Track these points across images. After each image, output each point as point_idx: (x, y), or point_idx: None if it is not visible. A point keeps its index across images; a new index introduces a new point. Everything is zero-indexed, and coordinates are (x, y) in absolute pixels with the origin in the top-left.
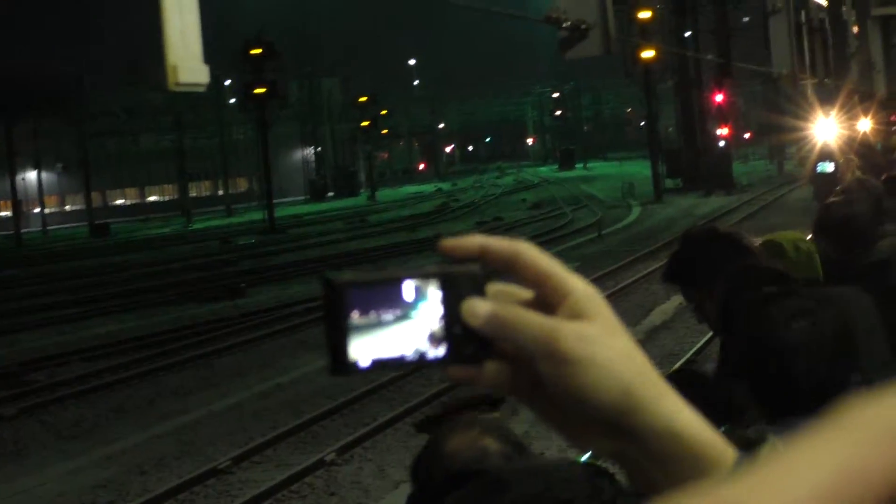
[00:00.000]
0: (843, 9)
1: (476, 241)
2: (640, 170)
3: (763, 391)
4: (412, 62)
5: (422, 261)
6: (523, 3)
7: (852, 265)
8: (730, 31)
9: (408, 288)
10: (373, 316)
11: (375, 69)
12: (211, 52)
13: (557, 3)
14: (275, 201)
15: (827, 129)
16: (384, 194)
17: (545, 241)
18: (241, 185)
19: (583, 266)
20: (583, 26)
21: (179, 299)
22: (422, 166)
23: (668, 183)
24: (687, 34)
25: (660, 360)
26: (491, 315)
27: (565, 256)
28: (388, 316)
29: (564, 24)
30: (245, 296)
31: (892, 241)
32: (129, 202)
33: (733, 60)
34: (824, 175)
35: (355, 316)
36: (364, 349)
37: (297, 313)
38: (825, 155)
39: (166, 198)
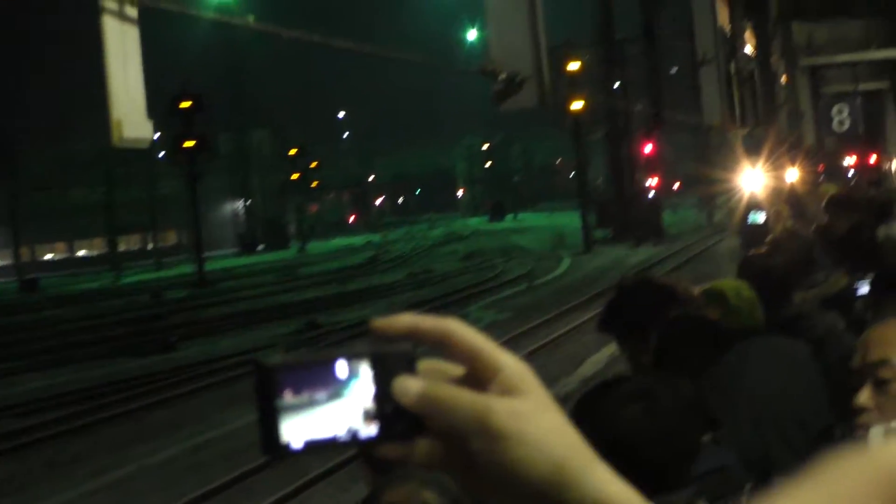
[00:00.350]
0: (773, 59)
1: (406, 320)
2: (570, 221)
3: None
4: (342, 115)
5: (352, 313)
6: (451, 53)
7: (771, 317)
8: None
9: (339, 368)
10: (305, 396)
11: (305, 121)
12: None
13: (491, 54)
14: (205, 254)
15: (754, 180)
16: (315, 247)
17: (476, 292)
18: (171, 238)
19: (515, 317)
20: (517, 78)
21: (111, 353)
22: (352, 218)
23: (598, 233)
24: (616, 84)
25: None
26: (422, 393)
27: (496, 307)
28: (320, 396)
29: (500, 77)
30: (176, 350)
31: (807, 296)
32: (58, 256)
33: (665, 110)
34: (754, 225)
35: (288, 396)
36: (296, 430)
37: (229, 367)
38: (753, 205)
39: (95, 252)
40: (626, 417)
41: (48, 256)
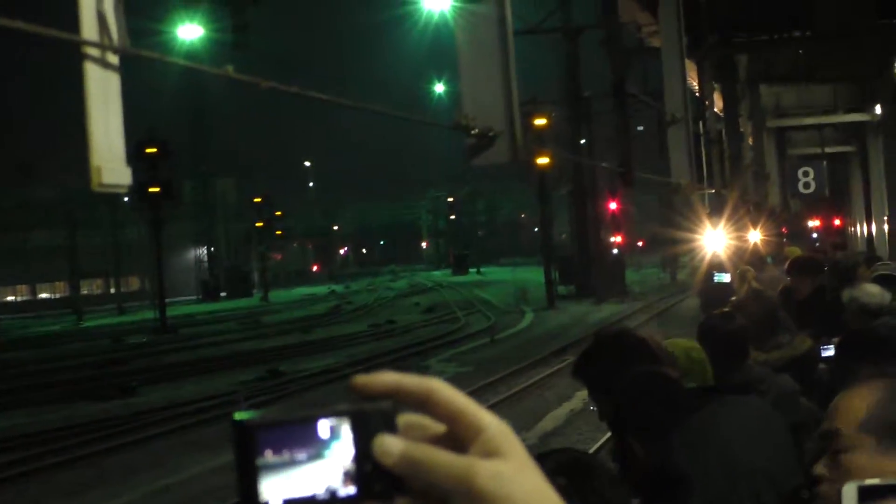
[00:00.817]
0: (740, 120)
1: (389, 379)
2: (533, 276)
3: None
4: (307, 164)
5: (315, 362)
6: (419, 106)
7: (725, 380)
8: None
9: (321, 427)
10: (286, 455)
11: (270, 170)
12: None
13: (464, 109)
14: (167, 300)
15: (716, 240)
16: (277, 295)
17: (438, 344)
18: (134, 283)
19: (476, 371)
20: (490, 133)
21: (70, 397)
22: (315, 268)
23: (561, 289)
24: (582, 141)
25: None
26: (403, 454)
27: (458, 360)
28: (300, 455)
29: (472, 132)
30: (136, 395)
31: (771, 357)
32: (19, 299)
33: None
34: (717, 286)
35: (268, 455)
36: (275, 489)
37: (189, 413)
38: (715, 265)
39: (57, 295)
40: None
41: (9, 298)
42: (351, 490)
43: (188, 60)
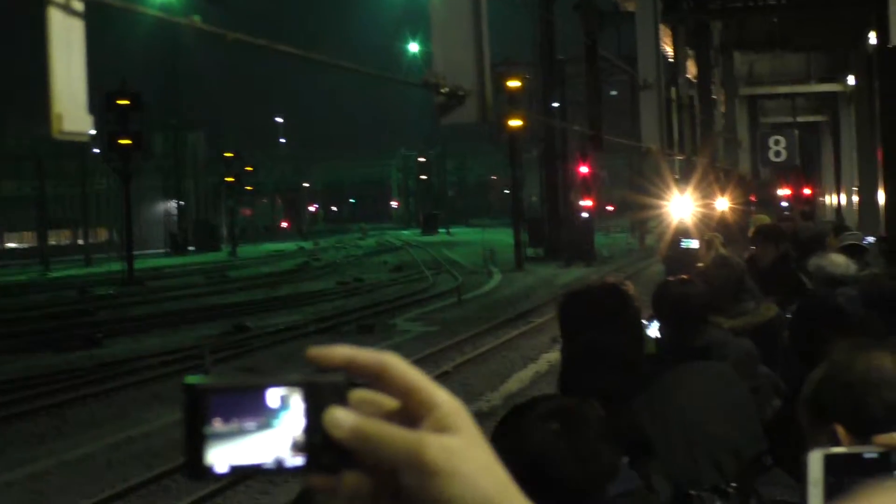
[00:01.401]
0: (713, 87)
1: (343, 352)
2: (502, 237)
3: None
4: (279, 120)
5: (281, 318)
6: (393, 65)
7: (681, 347)
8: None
9: (271, 396)
10: (234, 423)
11: (242, 125)
12: None
13: (435, 68)
14: (135, 253)
15: (684, 206)
16: (245, 250)
17: (405, 303)
18: (102, 235)
19: (442, 330)
20: (460, 93)
21: (34, 347)
22: (285, 224)
23: (530, 251)
24: (555, 105)
25: None
26: (354, 427)
27: (425, 320)
28: (249, 424)
29: (442, 90)
30: (101, 346)
31: (737, 324)
32: None
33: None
34: (683, 252)
35: (216, 421)
36: (222, 455)
37: (153, 366)
38: (682, 232)
39: (25, 245)
40: (541, 437)
41: None
42: (299, 461)
43: (161, 12)
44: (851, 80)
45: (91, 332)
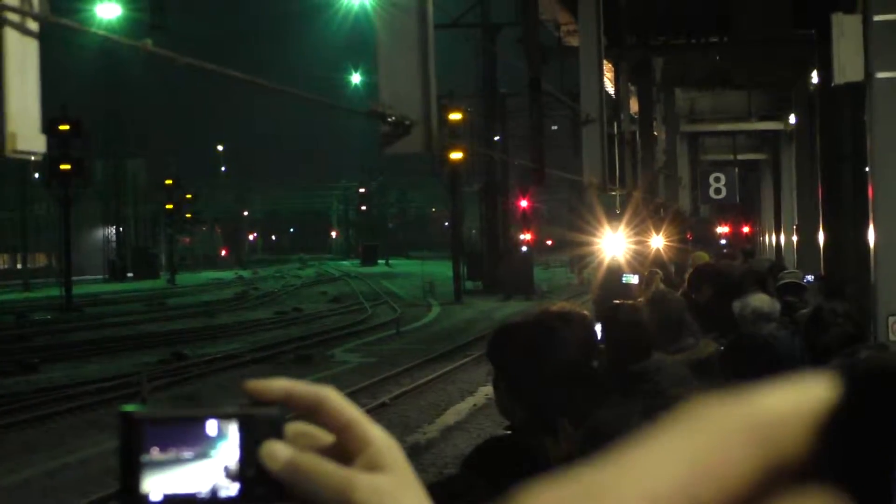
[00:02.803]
0: (654, 123)
1: (281, 385)
2: (441, 270)
3: None
4: (220, 148)
5: (219, 347)
6: (335, 95)
7: (620, 370)
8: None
9: (209, 426)
10: (170, 451)
11: (182, 153)
12: None
13: (381, 97)
14: (74, 279)
15: (616, 243)
16: (184, 278)
17: (344, 334)
18: (41, 260)
19: (380, 362)
20: (406, 122)
21: None
22: (224, 253)
23: (469, 285)
24: (496, 138)
25: (452, 459)
26: (288, 461)
27: (363, 351)
28: (185, 452)
29: (388, 120)
30: (38, 372)
31: (676, 360)
32: None
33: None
34: (619, 290)
35: (153, 450)
36: (157, 484)
37: (90, 392)
38: (613, 270)
39: None
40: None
41: None
42: (232, 492)
43: (105, 41)
44: (792, 118)
45: (28, 357)
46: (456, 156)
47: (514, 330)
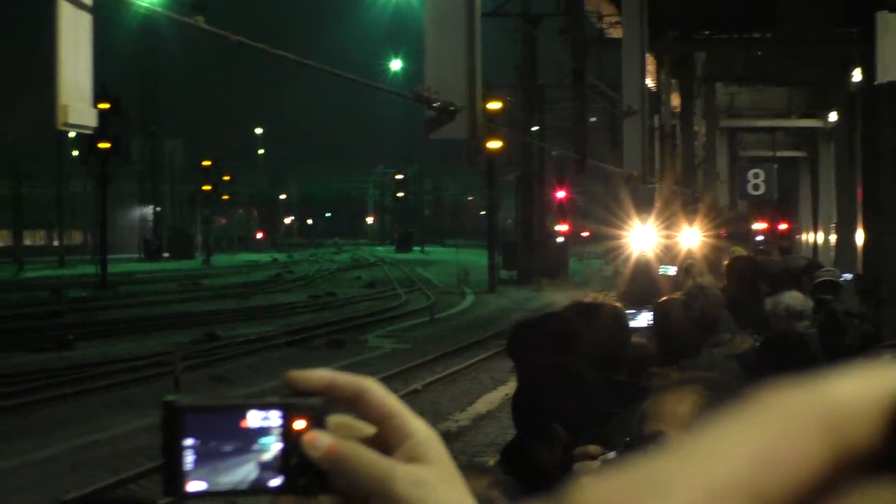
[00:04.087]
0: (693, 117)
1: (323, 375)
2: (476, 258)
3: None
4: (258, 131)
5: (251, 329)
6: (377, 81)
7: (675, 361)
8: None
9: (249, 417)
10: (212, 443)
11: (221, 135)
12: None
13: (427, 82)
14: (109, 257)
15: (645, 237)
16: (219, 259)
17: (377, 320)
18: (77, 237)
19: (413, 349)
20: (451, 108)
21: (4, 346)
22: (259, 235)
23: (503, 274)
24: (534, 129)
25: (483, 447)
26: (330, 449)
27: (396, 337)
28: (227, 444)
29: (434, 105)
30: (72, 348)
31: (713, 355)
32: None
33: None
34: (647, 287)
35: (195, 440)
36: (199, 474)
37: (123, 370)
38: (642, 266)
39: (0, 244)
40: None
41: None
42: (275, 482)
43: (147, 20)
44: (833, 116)
45: (62, 333)
46: (494, 144)
47: (530, 325)
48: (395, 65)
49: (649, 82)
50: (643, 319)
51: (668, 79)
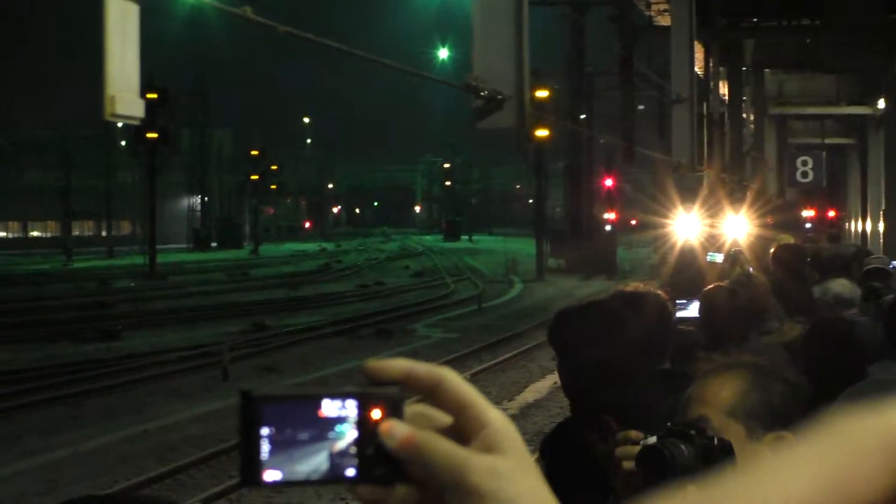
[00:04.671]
0: (742, 105)
1: (400, 365)
2: (524, 247)
3: None
4: (306, 120)
5: (300, 318)
6: (424, 70)
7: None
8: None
9: (325, 406)
10: (288, 432)
11: (268, 124)
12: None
13: (475, 72)
14: (157, 247)
15: (691, 225)
16: (268, 249)
17: (425, 309)
18: (125, 227)
19: (461, 338)
20: (499, 97)
21: (53, 337)
22: (307, 225)
23: (551, 262)
24: (582, 117)
25: (530, 437)
26: (407, 438)
27: (444, 326)
28: (302, 433)
29: (482, 94)
30: (120, 339)
31: (759, 342)
32: (10, 236)
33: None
34: (690, 277)
35: (271, 429)
36: (275, 463)
37: (171, 361)
38: (687, 253)
39: (49, 234)
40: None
41: (1, 234)
42: (351, 472)
43: (195, 9)
44: (881, 104)
45: (110, 324)
46: (541, 133)
47: (573, 314)
48: (443, 53)
49: (698, 70)
50: (693, 309)
51: (716, 66)
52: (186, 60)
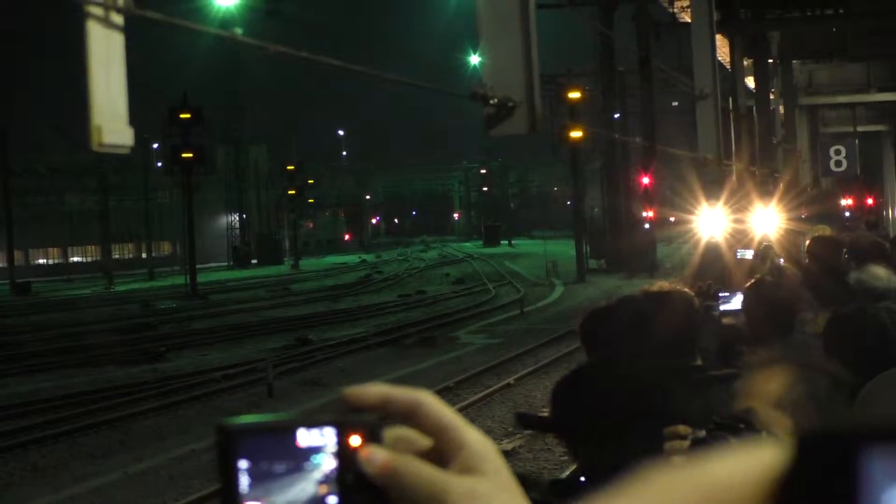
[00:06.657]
0: (771, 97)
1: (377, 391)
2: (564, 248)
3: None
4: (341, 132)
5: (343, 331)
6: (451, 75)
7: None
8: (657, 115)
9: (304, 436)
10: (265, 464)
11: (303, 138)
12: (139, 115)
13: (484, 79)
14: (198, 266)
15: (716, 221)
16: (308, 263)
17: (467, 316)
18: (165, 248)
19: (505, 343)
20: (509, 104)
21: (98, 361)
22: (347, 237)
23: (592, 263)
24: (616, 116)
25: None
26: (386, 463)
27: (487, 332)
28: (280, 465)
29: (491, 101)
30: (164, 360)
31: (803, 334)
32: (51, 261)
33: (662, 144)
34: (715, 272)
35: (248, 462)
36: (255, 496)
37: (216, 380)
38: (711, 249)
39: (89, 258)
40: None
41: (41, 261)
42: (333, 500)
43: (221, 28)
44: None
45: (155, 345)
46: (575, 135)
47: (602, 313)
48: (475, 59)
49: (724, 62)
50: (736, 302)
51: (741, 60)
52: (218, 77)
